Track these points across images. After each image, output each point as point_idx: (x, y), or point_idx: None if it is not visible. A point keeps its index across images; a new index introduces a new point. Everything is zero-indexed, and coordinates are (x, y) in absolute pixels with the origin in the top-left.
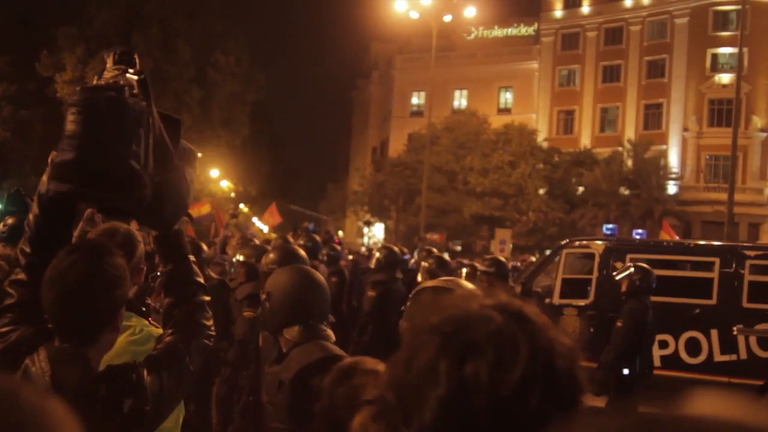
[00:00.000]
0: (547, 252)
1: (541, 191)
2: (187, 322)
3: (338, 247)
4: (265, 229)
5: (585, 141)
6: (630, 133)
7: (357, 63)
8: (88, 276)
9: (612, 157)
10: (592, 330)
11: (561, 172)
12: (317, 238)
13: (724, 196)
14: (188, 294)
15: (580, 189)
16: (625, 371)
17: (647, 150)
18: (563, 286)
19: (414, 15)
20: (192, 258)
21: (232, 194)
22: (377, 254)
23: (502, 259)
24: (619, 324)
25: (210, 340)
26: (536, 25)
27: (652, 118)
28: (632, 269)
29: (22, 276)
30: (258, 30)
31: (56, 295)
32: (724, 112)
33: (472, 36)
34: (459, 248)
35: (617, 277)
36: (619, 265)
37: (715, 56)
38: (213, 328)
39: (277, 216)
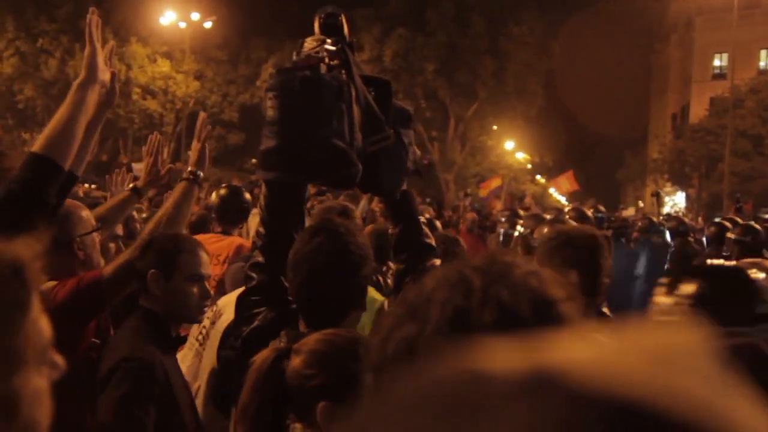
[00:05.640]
0: None
1: None
2: None
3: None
4: (563, 199)
5: None
6: None
7: (655, 26)
8: (335, 257)
9: None
10: None
11: None
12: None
13: None
14: (417, 258)
15: None
16: None
17: None
18: None
19: None
20: (423, 219)
21: (529, 165)
22: None
23: (758, 227)
24: None
25: None
26: None
27: None
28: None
29: (260, 258)
30: None
31: (303, 278)
32: None
33: None
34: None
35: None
36: None
37: None
38: None
39: (574, 183)
